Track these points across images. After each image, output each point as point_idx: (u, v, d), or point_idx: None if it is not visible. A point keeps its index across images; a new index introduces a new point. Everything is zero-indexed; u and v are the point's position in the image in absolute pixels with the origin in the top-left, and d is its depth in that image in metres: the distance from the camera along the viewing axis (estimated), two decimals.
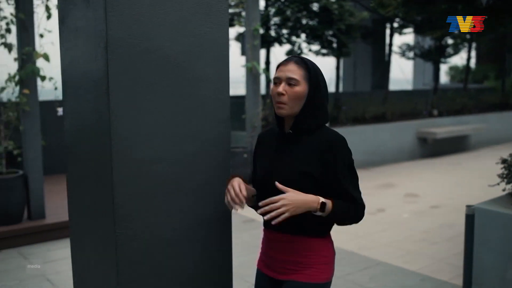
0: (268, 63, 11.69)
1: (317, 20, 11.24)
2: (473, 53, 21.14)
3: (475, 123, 13.31)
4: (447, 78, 26.40)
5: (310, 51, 12.29)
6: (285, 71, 2.17)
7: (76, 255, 2.59)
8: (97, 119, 2.18)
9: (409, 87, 22.46)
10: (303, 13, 11.23)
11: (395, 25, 14.21)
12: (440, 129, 11.97)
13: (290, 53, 11.97)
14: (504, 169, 4.22)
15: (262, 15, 10.48)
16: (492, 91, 17.31)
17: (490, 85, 19.59)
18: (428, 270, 4.98)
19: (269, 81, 11.32)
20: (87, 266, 2.46)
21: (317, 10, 11.28)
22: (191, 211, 2.32)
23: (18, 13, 6.01)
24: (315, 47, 12.30)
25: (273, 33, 11.65)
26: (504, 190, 4.22)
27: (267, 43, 11.47)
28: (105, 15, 2.04)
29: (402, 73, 19.47)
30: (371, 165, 10.68)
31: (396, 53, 16.34)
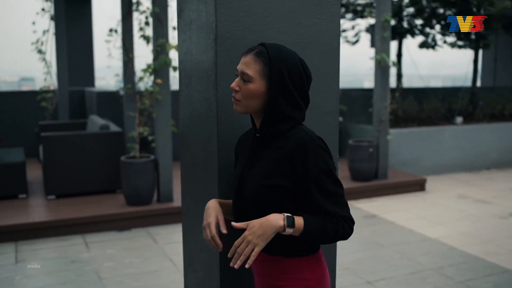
0: (399, 56, 11.30)
1: (455, 10, 10.66)
2: None
3: None
4: None
5: (445, 42, 11.68)
6: (242, 63, 1.83)
7: (186, 237, 2.70)
8: (206, 108, 2.25)
9: None
10: (439, 2, 10.70)
11: None
12: None
13: (423, 45, 11.48)
14: None
15: (394, 5, 10.14)
16: None
17: None
18: None
19: (400, 74, 10.96)
20: (194, 249, 2.56)
21: None
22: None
23: (154, 7, 6.38)
24: (451, 39, 11.68)
25: (405, 24, 11.24)
26: None
27: (399, 35, 11.09)
28: (215, 7, 2.09)
29: None
30: (507, 166, 9.97)
31: None
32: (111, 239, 5.69)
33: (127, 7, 7.75)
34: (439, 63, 60.19)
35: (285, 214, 1.73)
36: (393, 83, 10.49)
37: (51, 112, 9.83)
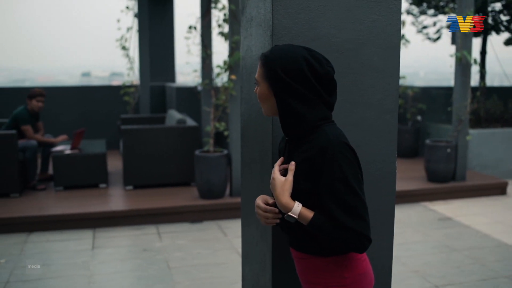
0: (483, 53, 10.83)
1: None
2: None
3: None
4: None
5: None
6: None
7: (244, 231, 2.75)
8: None
9: None
10: None
11: None
12: None
13: (509, 42, 10.93)
14: None
15: (477, 1, 9.72)
16: None
17: None
18: None
19: (483, 73, 10.50)
20: (250, 242, 2.60)
21: None
22: None
23: (230, 4, 6.48)
24: None
25: (490, 20, 10.74)
26: None
27: (484, 32, 10.62)
28: (272, 4, 2.12)
29: None
30: None
31: None
32: (183, 230, 5.87)
33: (206, 5, 7.92)
34: None
35: (298, 204, 1.75)
36: (475, 82, 10.07)
37: (133, 106, 10.24)
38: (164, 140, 7.16)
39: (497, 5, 10.70)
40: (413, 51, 10.07)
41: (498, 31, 10.89)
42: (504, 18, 10.81)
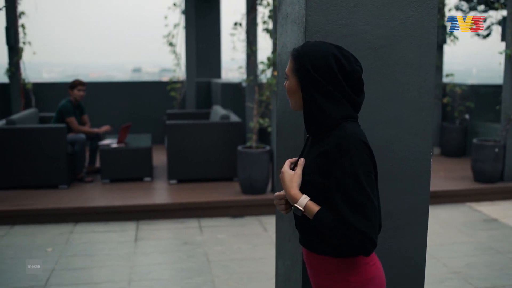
0: None
1: None
2: None
3: None
4: None
5: None
6: None
7: (278, 227, 2.77)
8: None
9: None
10: None
11: None
12: None
13: None
14: None
15: None
16: None
17: None
18: None
19: None
20: (283, 239, 2.62)
21: None
22: (383, 199, 2.28)
23: (274, 1, 6.50)
24: None
25: None
26: None
27: None
28: (306, 1, 2.12)
29: None
30: None
31: None
32: (224, 225, 5.93)
33: (252, 1, 7.96)
34: None
35: (306, 197, 1.79)
36: None
37: (179, 101, 10.38)
38: (208, 135, 7.24)
39: None
40: (465, 48, 9.83)
41: None
42: None
